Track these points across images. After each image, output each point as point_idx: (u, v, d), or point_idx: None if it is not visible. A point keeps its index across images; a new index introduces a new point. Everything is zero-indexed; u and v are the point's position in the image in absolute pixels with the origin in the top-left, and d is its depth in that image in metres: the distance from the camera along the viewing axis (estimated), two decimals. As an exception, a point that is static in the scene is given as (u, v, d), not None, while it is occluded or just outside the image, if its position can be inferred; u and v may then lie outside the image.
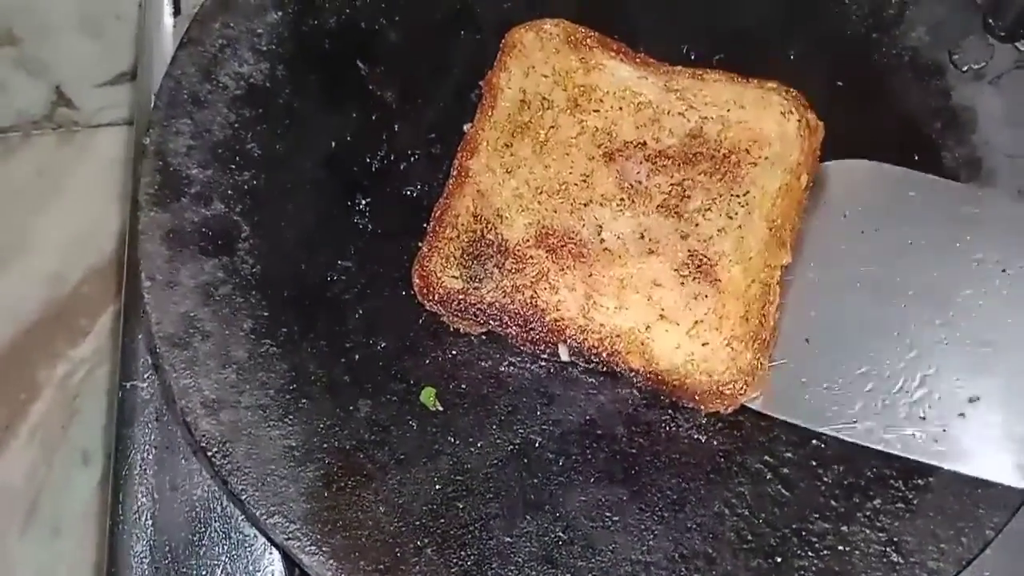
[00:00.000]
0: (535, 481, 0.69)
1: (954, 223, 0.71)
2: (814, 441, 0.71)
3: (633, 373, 0.70)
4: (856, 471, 0.69)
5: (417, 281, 0.72)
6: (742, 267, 0.70)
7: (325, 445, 0.69)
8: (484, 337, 0.73)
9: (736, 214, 0.71)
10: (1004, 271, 0.68)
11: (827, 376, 0.69)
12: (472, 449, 0.70)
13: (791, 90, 0.75)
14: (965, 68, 0.81)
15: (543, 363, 0.73)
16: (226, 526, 0.77)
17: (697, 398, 0.69)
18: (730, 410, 0.69)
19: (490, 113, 0.75)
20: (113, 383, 0.99)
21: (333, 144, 0.78)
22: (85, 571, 1.03)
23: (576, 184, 0.72)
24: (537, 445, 0.70)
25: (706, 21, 0.82)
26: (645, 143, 0.73)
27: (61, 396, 1.17)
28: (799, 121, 0.74)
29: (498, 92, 0.75)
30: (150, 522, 0.78)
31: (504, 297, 0.70)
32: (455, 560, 0.66)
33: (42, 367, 1.17)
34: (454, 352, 0.73)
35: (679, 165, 0.72)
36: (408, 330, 0.73)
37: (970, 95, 0.80)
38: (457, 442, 0.70)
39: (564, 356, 0.71)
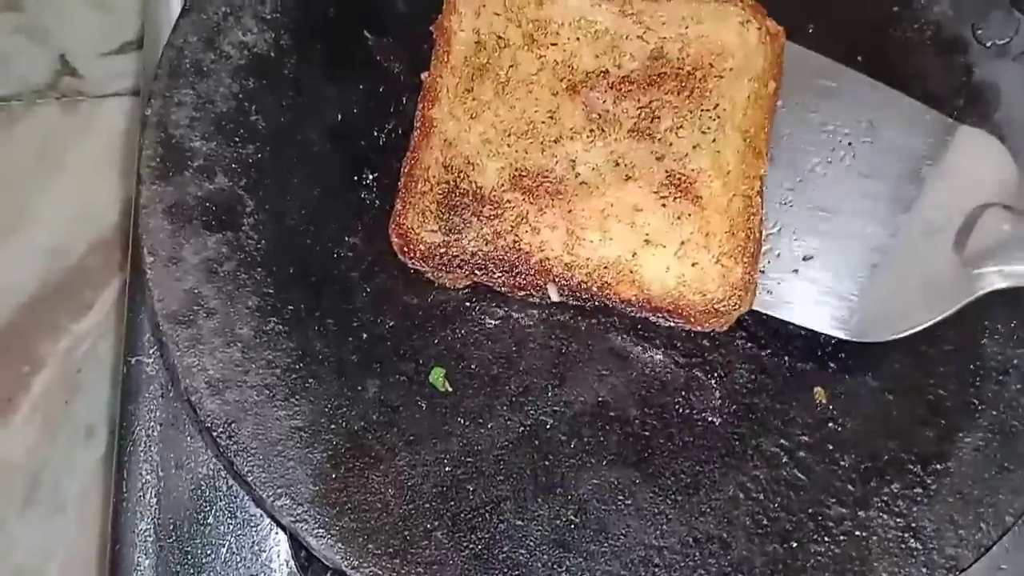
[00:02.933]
0: (546, 463, 0.68)
1: (812, 94, 0.74)
2: (830, 424, 0.69)
3: (626, 303, 0.69)
4: (873, 455, 0.68)
5: (396, 240, 0.70)
6: (721, 181, 0.69)
7: (332, 426, 0.67)
8: (499, 320, 0.72)
9: (709, 129, 0.70)
10: (849, 144, 0.73)
11: None
12: (482, 431, 0.69)
13: (747, 0, 0.74)
14: (989, 43, 0.79)
15: (553, 342, 0.71)
16: (231, 504, 0.76)
17: (693, 319, 0.69)
18: (726, 327, 0.69)
19: (446, 59, 0.73)
20: (117, 358, 0.98)
21: (339, 116, 0.76)
22: (88, 549, 1.02)
23: (543, 121, 0.71)
24: (548, 427, 0.69)
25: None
26: (607, 71, 0.72)
27: (64, 370, 1.15)
28: (759, 29, 0.73)
29: (451, 36, 0.74)
30: (154, 500, 0.77)
31: (486, 245, 0.69)
32: (465, 543, 0.65)
33: (45, 340, 1.15)
34: (463, 332, 0.71)
35: (644, 88, 0.71)
36: (417, 309, 0.72)
37: (993, 72, 0.78)
38: (467, 423, 0.69)
39: (554, 296, 0.70)
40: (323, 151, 0.75)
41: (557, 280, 0.69)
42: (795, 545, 0.66)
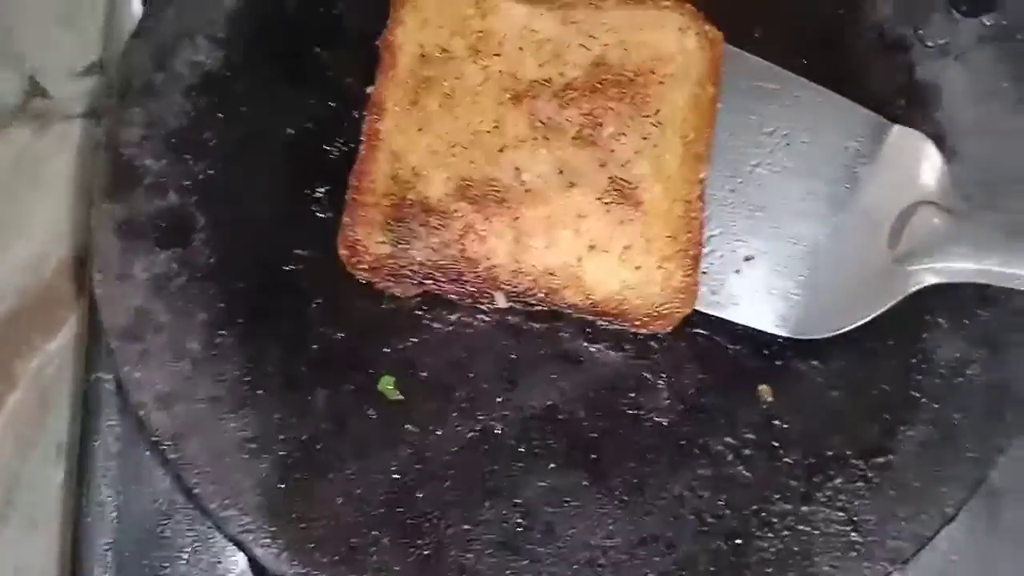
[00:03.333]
0: (495, 468, 0.69)
1: (752, 96, 0.75)
2: (776, 421, 0.70)
3: (572, 308, 0.70)
4: (817, 450, 0.69)
5: (344, 252, 0.71)
6: (662, 186, 0.71)
7: (281, 437, 0.68)
8: (450, 327, 0.73)
9: (650, 134, 0.71)
10: (788, 145, 0.74)
11: None
12: (432, 438, 0.69)
13: (686, 5, 0.75)
14: (931, 44, 0.80)
15: (505, 348, 0.72)
16: (190, 518, 0.77)
17: (638, 322, 0.70)
18: (669, 329, 0.70)
19: (391, 72, 0.74)
20: (78, 375, 0.99)
21: (292, 132, 0.77)
22: (58, 565, 1.03)
23: (489, 131, 0.72)
24: (498, 432, 0.70)
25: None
26: (551, 79, 0.73)
27: (37, 388, 1.16)
28: (697, 35, 0.74)
29: (396, 49, 0.75)
30: (114, 515, 0.78)
31: (434, 255, 0.70)
32: (412, 549, 0.66)
33: (17, 359, 1.16)
34: (415, 340, 0.72)
35: (587, 95, 0.72)
36: (368, 319, 0.73)
37: (935, 71, 0.79)
38: (417, 431, 0.70)
39: (502, 303, 0.71)
40: (275, 166, 0.76)
41: (504, 287, 0.70)
42: (739, 542, 0.67)
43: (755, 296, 0.72)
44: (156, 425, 0.67)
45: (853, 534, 0.66)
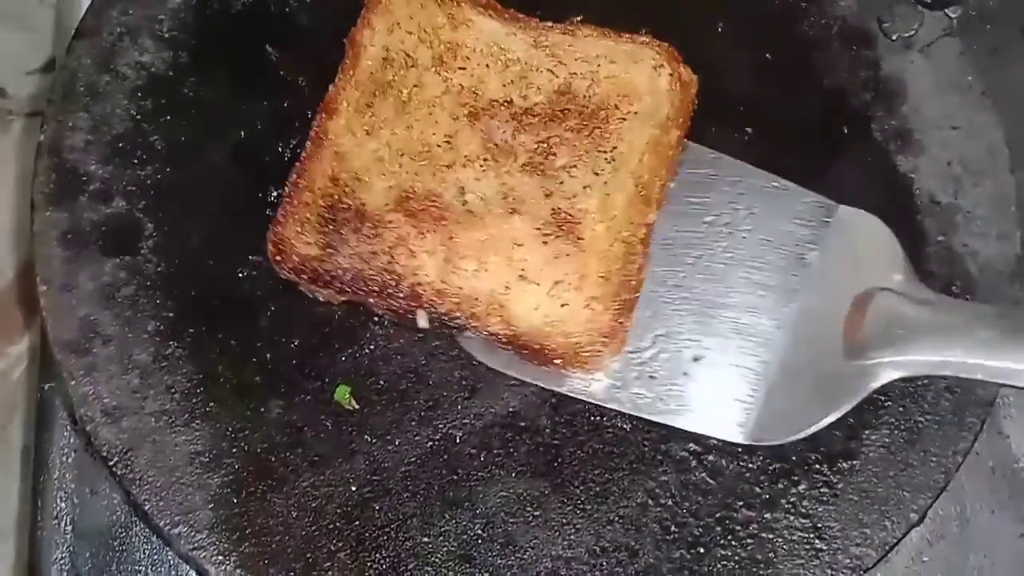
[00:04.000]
0: (455, 477, 0.68)
1: (690, 185, 0.72)
2: (740, 427, 0.69)
3: (494, 337, 0.68)
4: (781, 456, 0.68)
5: (271, 248, 0.69)
6: (605, 225, 0.69)
7: (234, 449, 0.67)
8: (408, 333, 0.71)
9: (603, 170, 0.70)
10: (731, 234, 0.70)
11: None
12: (389, 447, 0.68)
13: (663, 43, 0.73)
14: (895, 37, 0.79)
15: (464, 354, 0.71)
16: (146, 530, 0.75)
17: (558, 361, 0.67)
18: (593, 373, 0.67)
19: (351, 72, 0.73)
20: (33, 384, 0.97)
21: (243, 134, 0.75)
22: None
23: (439, 145, 0.70)
24: (458, 440, 0.69)
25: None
26: (512, 101, 0.71)
27: (1, 393, 1.14)
28: (671, 75, 0.72)
29: (361, 50, 0.73)
30: (70, 527, 0.76)
31: (360, 263, 0.68)
32: (369, 563, 0.65)
33: (-21, 364, 1.14)
34: (371, 348, 0.71)
35: (546, 122, 0.71)
36: (323, 327, 0.71)
37: (900, 64, 0.78)
38: (374, 441, 0.68)
39: (423, 323, 0.69)
40: (226, 169, 0.75)
41: (427, 306, 0.68)
42: (702, 550, 0.66)
43: (707, 400, 0.67)
44: (104, 440, 0.65)
45: (817, 541, 0.65)
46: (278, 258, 0.69)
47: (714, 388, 0.67)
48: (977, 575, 0.79)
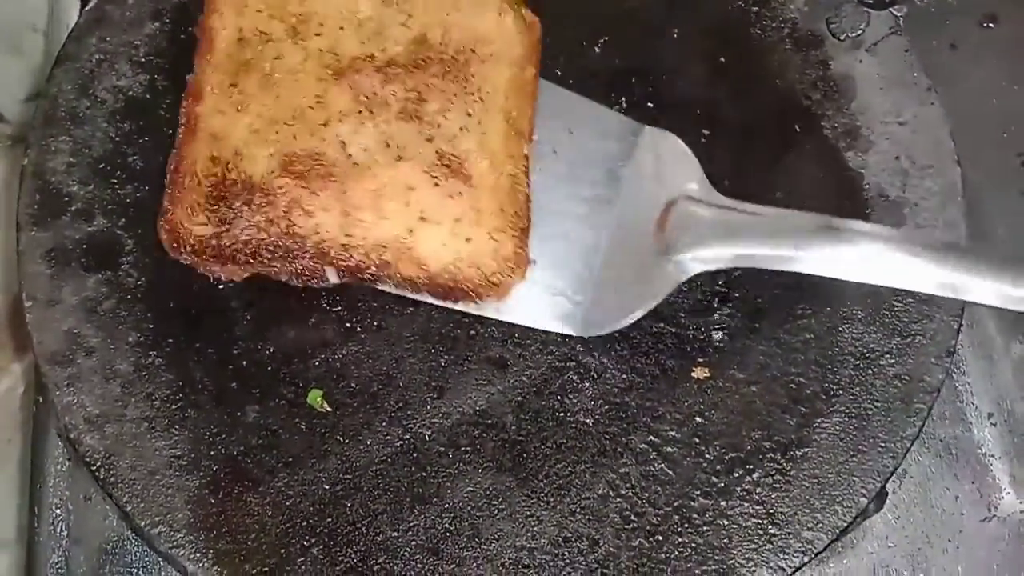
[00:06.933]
0: (423, 474, 0.70)
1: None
2: (698, 418, 0.72)
3: (408, 282, 0.71)
4: (737, 445, 0.71)
5: (164, 237, 0.71)
6: (488, 161, 0.72)
7: (212, 453, 0.70)
8: (378, 337, 0.74)
9: (474, 111, 0.73)
10: (555, 152, 0.77)
11: None
12: (361, 447, 0.71)
13: None
14: (843, 37, 0.81)
15: (432, 356, 0.74)
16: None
17: (473, 293, 0.71)
18: (503, 299, 0.72)
19: (209, 57, 0.75)
20: (29, 396, 1.00)
21: (219, 150, 0.79)
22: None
23: (311, 106, 0.72)
24: (427, 439, 0.71)
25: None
26: (373, 55, 0.74)
27: (5, 410, 1.17)
28: (515, 18, 0.76)
29: (214, 35, 0.75)
30: (65, 533, 0.80)
31: (259, 233, 0.70)
32: (341, 557, 0.68)
33: (-16, 380, 1.17)
34: (343, 352, 0.74)
35: (410, 71, 0.73)
36: (298, 333, 0.74)
37: (848, 63, 0.81)
38: (346, 441, 0.71)
39: (333, 279, 0.71)
40: (203, 186, 0.78)
41: (335, 262, 0.70)
42: (660, 538, 0.68)
43: (542, 299, 0.74)
44: (87, 446, 0.68)
45: (770, 527, 0.68)
46: (174, 244, 0.70)
47: (547, 288, 0.74)
48: (943, 559, 0.81)
